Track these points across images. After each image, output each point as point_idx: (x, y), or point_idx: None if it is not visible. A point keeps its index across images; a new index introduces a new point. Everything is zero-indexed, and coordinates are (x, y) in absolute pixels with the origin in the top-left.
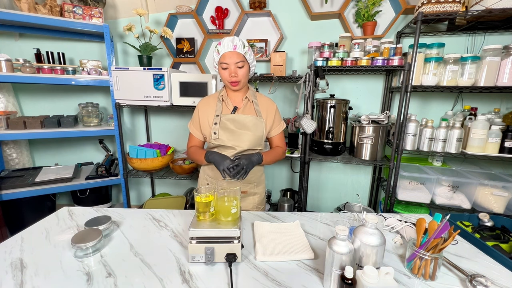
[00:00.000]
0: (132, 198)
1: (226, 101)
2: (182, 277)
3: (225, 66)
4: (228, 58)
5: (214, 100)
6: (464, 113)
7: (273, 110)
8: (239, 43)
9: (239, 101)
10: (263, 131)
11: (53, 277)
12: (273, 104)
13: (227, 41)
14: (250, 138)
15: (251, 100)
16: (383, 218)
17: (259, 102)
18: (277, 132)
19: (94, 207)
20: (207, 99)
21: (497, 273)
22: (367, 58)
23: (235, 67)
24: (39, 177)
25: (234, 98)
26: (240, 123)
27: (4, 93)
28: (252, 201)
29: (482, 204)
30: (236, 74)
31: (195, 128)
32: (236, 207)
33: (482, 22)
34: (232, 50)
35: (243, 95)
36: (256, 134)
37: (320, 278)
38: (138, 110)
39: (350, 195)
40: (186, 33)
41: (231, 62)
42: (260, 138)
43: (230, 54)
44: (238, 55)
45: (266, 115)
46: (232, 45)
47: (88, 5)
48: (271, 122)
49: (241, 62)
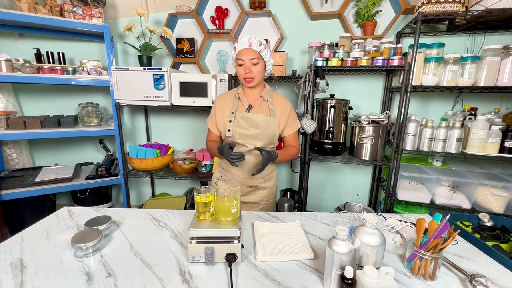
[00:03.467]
0: (132, 198)
1: (242, 99)
2: (182, 277)
3: (241, 63)
4: (243, 54)
5: (231, 97)
6: (464, 113)
7: (287, 110)
8: (255, 40)
9: (254, 100)
10: (275, 131)
11: (53, 277)
12: (288, 103)
13: (244, 39)
14: (261, 137)
15: (266, 99)
16: (383, 218)
17: (275, 101)
18: (290, 131)
19: (94, 207)
20: (225, 96)
21: (497, 273)
22: (367, 58)
23: (249, 63)
24: (39, 177)
25: (250, 96)
26: (252, 122)
27: (4, 93)
28: (261, 195)
29: (482, 204)
30: (251, 70)
31: (212, 123)
32: (236, 207)
33: (482, 22)
34: (248, 47)
35: (259, 94)
36: (268, 133)
37: (320, 278)
38: (138, 110)
39: (350, 195)
40: (186, 33)
41: (246, 58)
42: (272, 137)
43: (245, 51)
44: (253, 52)
45: (280, 115)
46: (248, 43)
47: (88, 5)
48: (285, 121)
49: (256, 59)
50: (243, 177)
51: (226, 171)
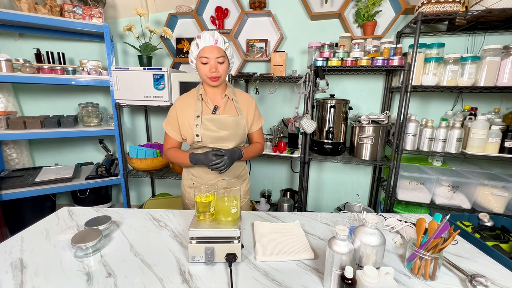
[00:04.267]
0: (132, 198)
1: (206, 100)
2: (182, 277)
3: (205, 61)
4: (208, 52)
5: (193, 99)
6: (464, 113)
7: (253, 107)
8: (220, 38)
9: (219, 100)
10: (244, 129)
11: (53, 277)
12: (253, 100)
13: (208, 35)
14: (233, 138)
15: (231, 97)
16: (383, 218)
17: (239, 99)
18: (256, 128)
19: (94, 207)
20: (185, 98)
21: (497, 273)
22: (367, 58)
23: (215, 62)
24: (39, 177)
25: (213, 97)
26: (221, 123)
27: (4, 93)
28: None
29: (482, 204)
30: (217, 69)
31: (172, 129)
32: (236, 207)
33: (482, 22)
34: (213, 45)
35: (222, 93)
36: (238, 133)
37: (320, 278)
38: (138, 110)
39: (350, 195)
40: (186, 33)
41: (212, 56)
42: (243, 136)
43: (211, 48)
44: (219, 50)
45: (246, 112)
46: (213, 40)
47: (88, 5)
48: (252, 118)
49: (222, 58)
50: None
51: (198, 177)
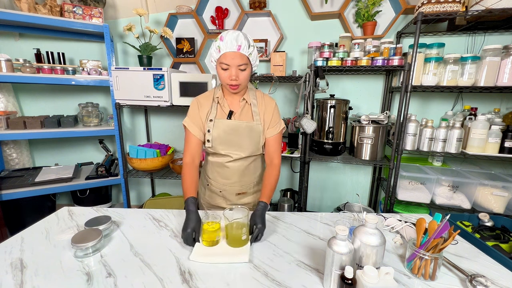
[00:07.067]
0: (132, 198)
1: (222, 103)
2: (182, 277)
3: (226, 67)
4: (230, 59)
5: (209, 101)
6: (464, 113)
7: (271, 108)
8: (244, 42)
9: (236, 104)
10: (260, 136)
11: (53, 277)
12: (272, 101)
13: (231, 39)
14: (247, 146)
15: (249, 102)
16: (383, 218)
17: (258, 102)
18: (273, 133)
19: (94, 207)
20: (201, 99)
21: (497, 273)
22: (367, 58)
23: (236, 70)
24: (39, 177)
25: (231, 100)
26: (235, 130)
27: (4, 93)
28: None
29: (482, 204)
30: (238, 77)
31: (194, 124)
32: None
33: (482, 22)
34: (236, 51)
35: (241, 96)
36: (253, 140)
37: (320, 278)
38: (138, 110)
39: (350, 195)
40: (186, 33)
41: (233, 64)
42: (258, 143)
43: (233, 55)
44: (242, 57)
45: (263, 114)
46: (237, 45)
47: (88, 5)
48: (268, 121)
49: (244, 65)
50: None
51: (213, 180)
